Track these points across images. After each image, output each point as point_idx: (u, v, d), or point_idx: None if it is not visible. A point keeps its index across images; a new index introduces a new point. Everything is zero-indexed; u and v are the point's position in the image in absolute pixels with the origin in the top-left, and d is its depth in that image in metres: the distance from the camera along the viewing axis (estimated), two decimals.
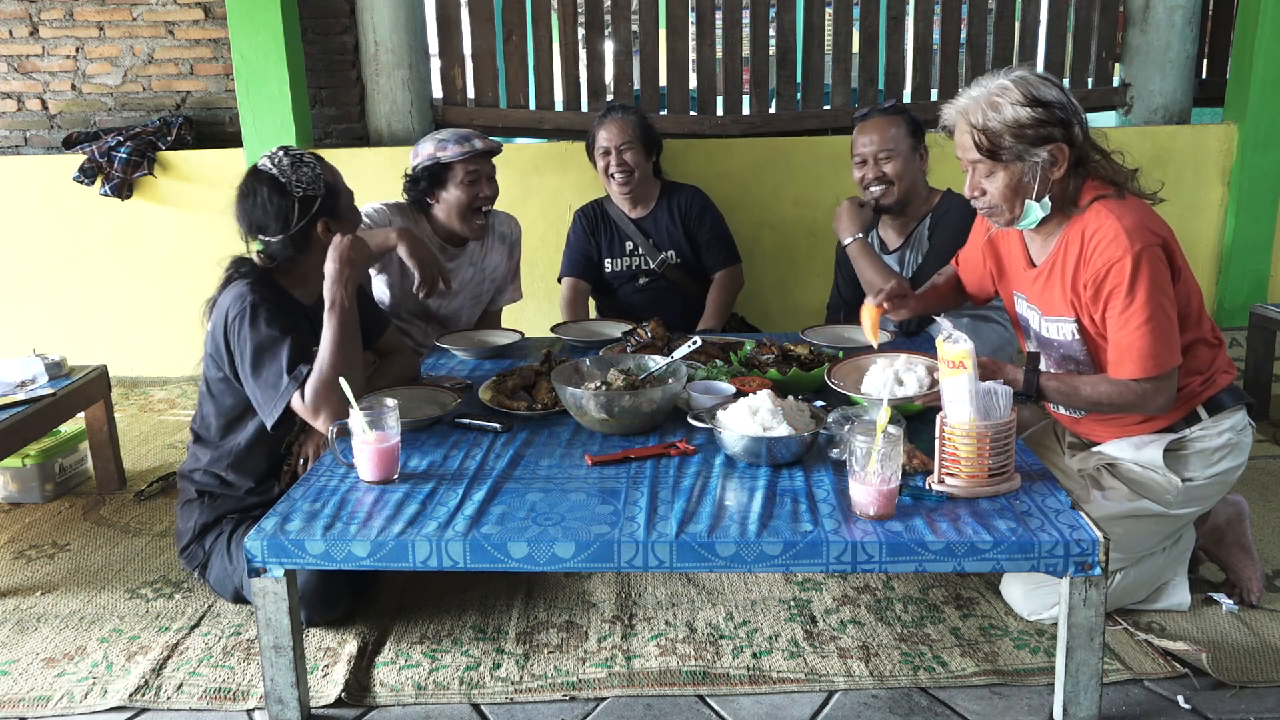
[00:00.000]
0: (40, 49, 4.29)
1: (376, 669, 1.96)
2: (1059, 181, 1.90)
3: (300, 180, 2.13)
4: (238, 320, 2.05)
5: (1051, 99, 1.84)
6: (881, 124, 2.79)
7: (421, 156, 2.84)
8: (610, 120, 3.17)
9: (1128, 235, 1.81)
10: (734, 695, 1.85)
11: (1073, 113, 1.86)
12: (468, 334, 2.98)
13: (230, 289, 2.11)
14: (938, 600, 2.16)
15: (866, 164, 2.81)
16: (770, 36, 4.20)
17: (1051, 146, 1.85)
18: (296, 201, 2.12)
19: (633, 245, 3.29)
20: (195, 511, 2.21)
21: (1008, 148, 1.86)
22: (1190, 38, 4.04)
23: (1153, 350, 1.83)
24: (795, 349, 2.46)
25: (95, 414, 2.93)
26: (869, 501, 1.67)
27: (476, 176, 2.84)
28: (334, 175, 2.22)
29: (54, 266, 4.23)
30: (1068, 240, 1.92)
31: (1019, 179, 1.89)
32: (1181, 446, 2.00)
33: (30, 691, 1.91)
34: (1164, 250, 1.85)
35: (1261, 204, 3.96)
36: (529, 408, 2.24)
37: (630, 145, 3.15)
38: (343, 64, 4.20)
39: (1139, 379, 1.86)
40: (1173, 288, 1.86)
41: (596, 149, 3.20)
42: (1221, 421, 1.99)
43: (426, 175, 2.84)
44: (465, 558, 1.65)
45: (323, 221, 2.16)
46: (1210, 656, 1.89)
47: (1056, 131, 1.85)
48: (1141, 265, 1.80)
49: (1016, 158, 1.87)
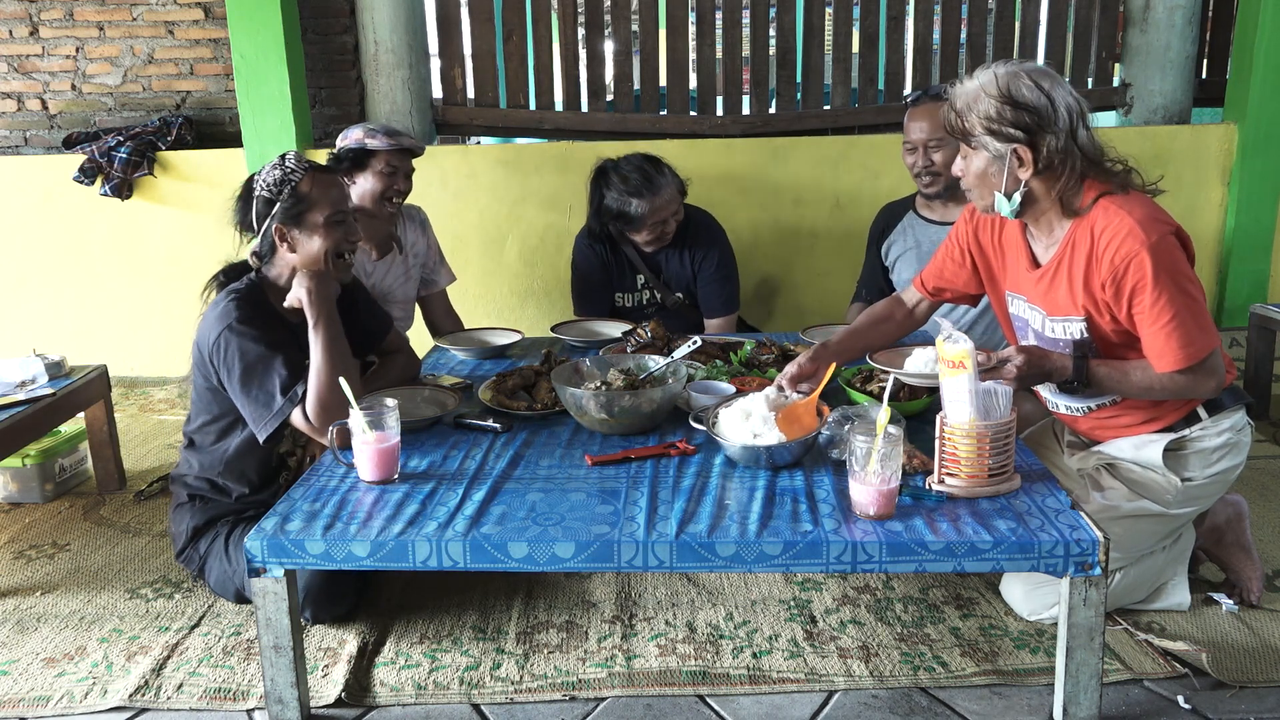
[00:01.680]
0: (40, 49, 4.29)
1: (376, 669, 1.96)
2: (1040, 182, 1.89)
3: (266, 182, 2.12)
4: (221, 339, 2.03)
5: (1027, 101, 1.82)
6: (932, 110, 2.75)
7: (350, 140, 2.91)
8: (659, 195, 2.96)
9: (1141, 228, 1.80)
10: (734, 695, 1.85)
11: (1048, 122, 1.82)
12: (468, 334, 2.99)
13: (216, 305, 2.10)
14: (938, 600, 2.16)
15: (917, 151, 2.81)
16: (770, 36, 4.20)
17: (1016, 147, 1.85)
18: (255, 200, 2.12)
19: (643, 280, 3.22)
20: (187, 515, 2.21)
21: (975, 136, 1.88)
22: (1190, 38, 4.04)
23: (1189, 339, 1.81)
24: (795, 349, 2.46)
25: (95, 414, 2.93)
26: (869, 501, 1.67)
27: (394, 170, 2.91)
28: (315, 186, 2.12)
29: (54, 266, 4.23)
30: (1075, 239, 1.91)
31: (986, 169, 1.91)
32: (1181, 446, 1.99)
33: (30, 691, 1.91)
34: (1176, 238, 1.83)
35: (1261, 204, 3.95)
36: (529, 408, 2.24)
37: (678, 204, 3.05)
38: (343, 64, 4.20)
39: (1182, 370, 1.84)
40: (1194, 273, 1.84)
41: (648, 225, 3.01)
42: (1221, 421, 1.99)
43: (350, 157, 2.90)
44: (465, 558, 1.65)
45: (279, 228, 2.11)
46: (1210, 656, 1.89)
47: (1020, 134, 1.83)
48: (1160, 256, 1.79)
49: (983, 147, 1.89)
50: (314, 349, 2.06)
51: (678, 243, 3.15)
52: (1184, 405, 1.98)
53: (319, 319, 2.07)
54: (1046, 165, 1.86)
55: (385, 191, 2.91)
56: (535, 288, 4.13)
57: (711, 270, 3.16)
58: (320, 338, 2.06)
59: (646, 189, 2.95)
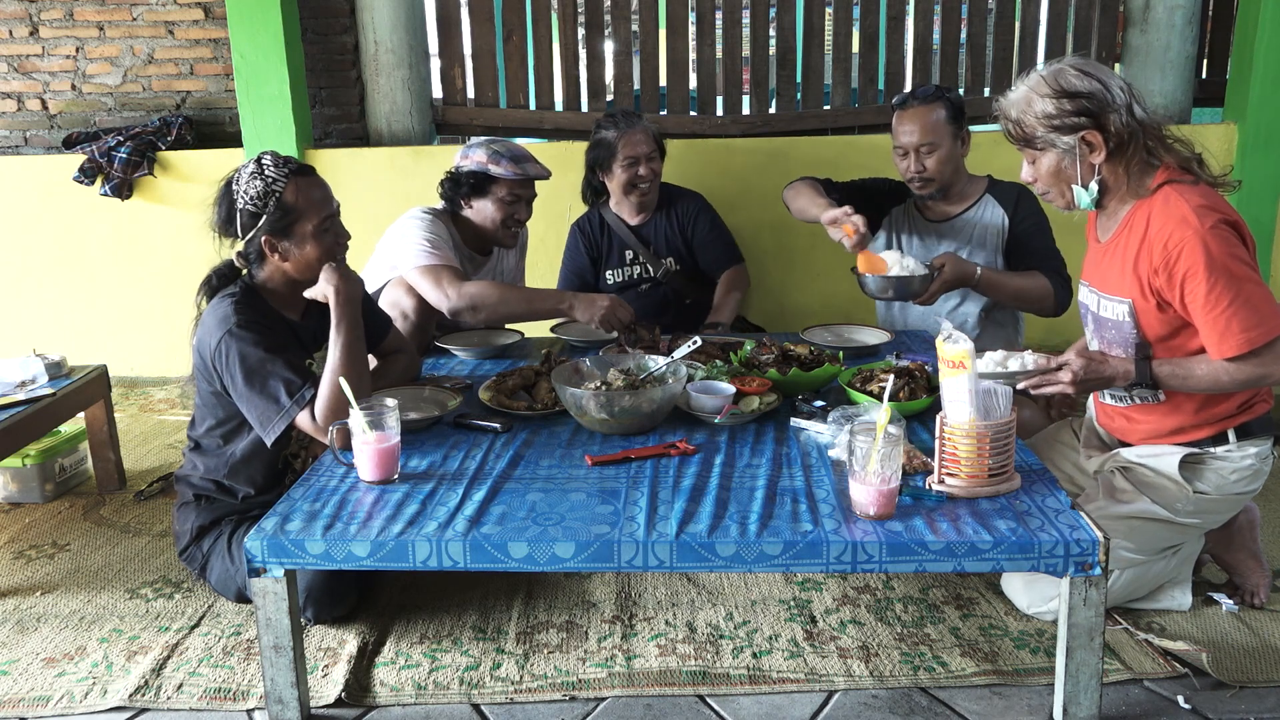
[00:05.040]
0: (40, 49, 4.29)
1: (376, 669, 1.96)
2: (1111, 165, 1.91)
3: (249, 194, 2.07)
4: (222, 344, 2.01)
5: (1080, 89, 1.86)
6: (922, 112, 2.72)
7: (471, 161, 2.83)
8: (634, 131, 3.11)
9: (1196, 214, 1.79)
10: (734, 695, 1.85)
11: (1107, 102, 1.85)
12: (468, 334, 2.98)
13: (215, 309, 2.08)
14: (938, 600, 2.16)
15: (909, 156, 2.77)
16: (770, 36, 4.20)
17: (1084, 133, 1.87)
18: (238, 213, 2.09)
19: (632, 254, 3.27)
20: (192, 514, 2.21)
21: (1040, 136, 1.91)
22: (1190, 37, 4.04)
23: (1251, 322, 1.77)
24: (795, 349, 2.46)
25: (95, 414, 2.93)
26: (869, 501, 1.67)
27: (517, 199, 2.85)
28: (299, 194, 2.08)
29: (54, 266, 4.23)
30: (1133, 221, 1.92)
31: (1058, 165, 1.93)
32: (1202, 461, 1.98)
33: (30, 691, 1.91)
34: (1234, 229, 1.81)
35: (1261, 204, 3.95)
36: (529, 408, 2.24)
37: (653, 156, 3.14)
38: (343, 64, 4.20)
39: (1246, 354, 1.80)
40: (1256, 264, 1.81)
41: (619, 160, 3.13)
42: (1248, 448, 1.97)
43: (471, 180, 2.83)
44: (465, 558, 1.65)
45: (268, 239, 2.09)
46: (1210, 656, 1.89)
47: (1085, 120, 1.86)
48: (1213, 241, 1.77)
49: (1050, 145, 1.91)
50: (333, 348, 2.05)
51: (663, 207, 3.29)
52: (1216, 424, 1.96)
53: (343, 319, 2.07)
54: (1117, 145, 1.88)
55: (505, 220, 2.85)
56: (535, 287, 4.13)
57: (706, 229, 3.29)
58: (341, 339, 2.05)
59: (621, 123, 3.14)
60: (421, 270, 2.70)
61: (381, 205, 3.83)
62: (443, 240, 2.78)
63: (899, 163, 2.83)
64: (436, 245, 2.74)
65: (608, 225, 3.29)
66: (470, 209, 2.87)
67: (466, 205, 2.87)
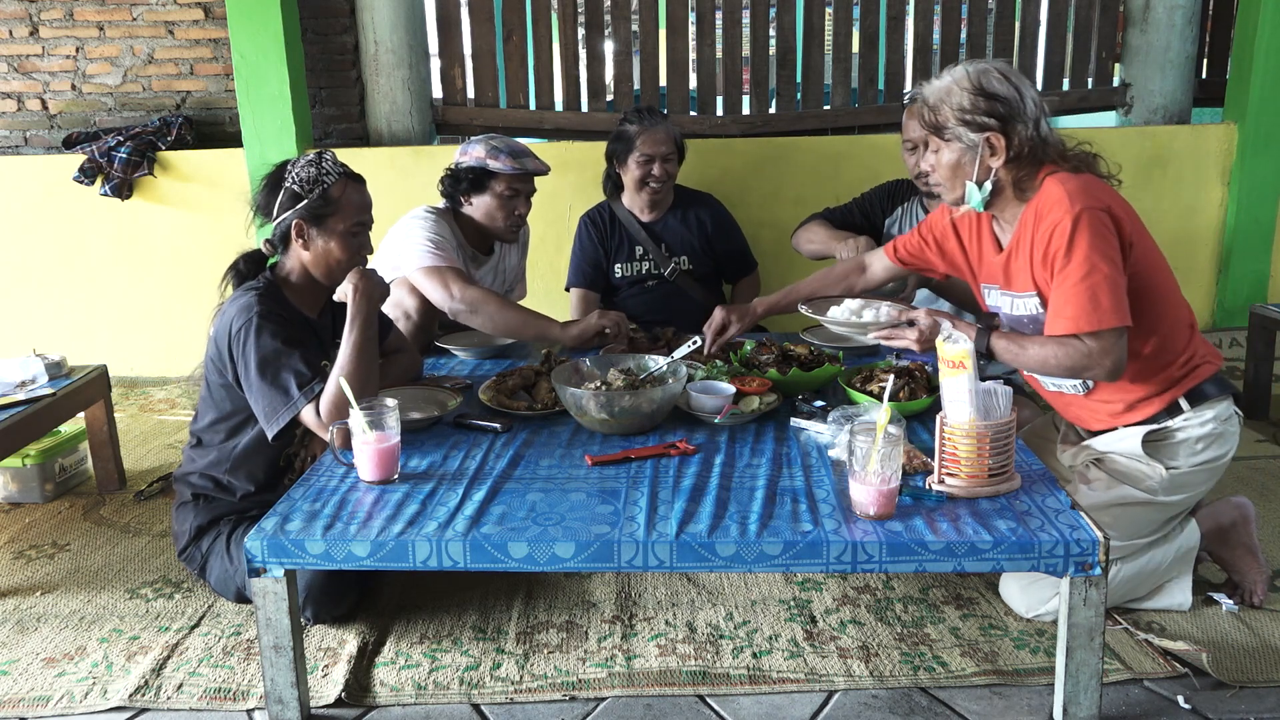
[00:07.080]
0: (40, 49, 4.29)
1: (376, 669, 1.96)
2: (1005, 171, 1.96)
3: (300, 176, 2.13)
4: (242, 331, 2.03)
5: (998, 92, 1.91)
6: None
7: (470, 157, 2.84)
8: (656, 130, 3.12)
9: (1069, 198, 1.86)
10: (734, 695, 1.85)
11: (1018, 112, 1.91)
12: (468, 334, 2.98)
13: (237, 299, 2.10)
14: (938, 600, 2.16)
15: (917, 150, 2.80)
16: (770, 36, 4.20)
17: (990, 135, 1.92)
18: (283, 191, 2.13)
19: (642, 250, 3.27)
20: (190, 514, 2.21)
21: (950, 128, 1.95)
22: (1190, 37, 4.04)
23: (1091, 305, 1.83)
24: (795, 349, 2.47)
25: (95, 414, 2.93)
26: (869, 501, 1.67)
27: (516, 193, 2.86)
28: (346, 191, 2.15)
29: (54, 266, 4.23)
30: (1025, 219, 1.98)
31: (959, 160, 1.97)
32: (1164, 437, 2.01)
33: (30, 691, 1.91)
34: (1109, 216, 1.87)
35: (1261, 204, 3.96)
36: (529, 408, 2.24)
37: (671, 156, 3.16)
38: (343, 64, 4.20)
39: (1079, 335, 1.86)
40: (1120, 255, 1.87)
41: (635, 156, 3.14)
42: (1204, 411, 2.00)
43: (470, 176, 2.84)
44: (465, 558, 1.65)
45: (299, 222, 2.13)
46: (1210, 656, 1.89)
47: (993, 123, 1.91)
48: (1080, 223, 1.84)
49: (956, 139, 1.95)
50: (345, 345, 2.06)
51: (677, 207, 3.29)
52: (1165, 395, 1.99)
53: (358, 317, 2.08)
54: (1016, 154, 1.94)
55: (504, 217, 2.87)
56: (535, 288, 4.10)
57: (727, 238, 3.33)
58: (354, 337, 2.06)
59: (646, 119, 3.15)
60: (425, 271, 2.71)
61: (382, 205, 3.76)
62: (446, 241, 2.79)
63: (907, 159, 2.88)
64: (440, 246, 2.75)
65: (618, 219, 3.29)
66: (470, 205, 2.88)
67: (466, 201, 2.88)
